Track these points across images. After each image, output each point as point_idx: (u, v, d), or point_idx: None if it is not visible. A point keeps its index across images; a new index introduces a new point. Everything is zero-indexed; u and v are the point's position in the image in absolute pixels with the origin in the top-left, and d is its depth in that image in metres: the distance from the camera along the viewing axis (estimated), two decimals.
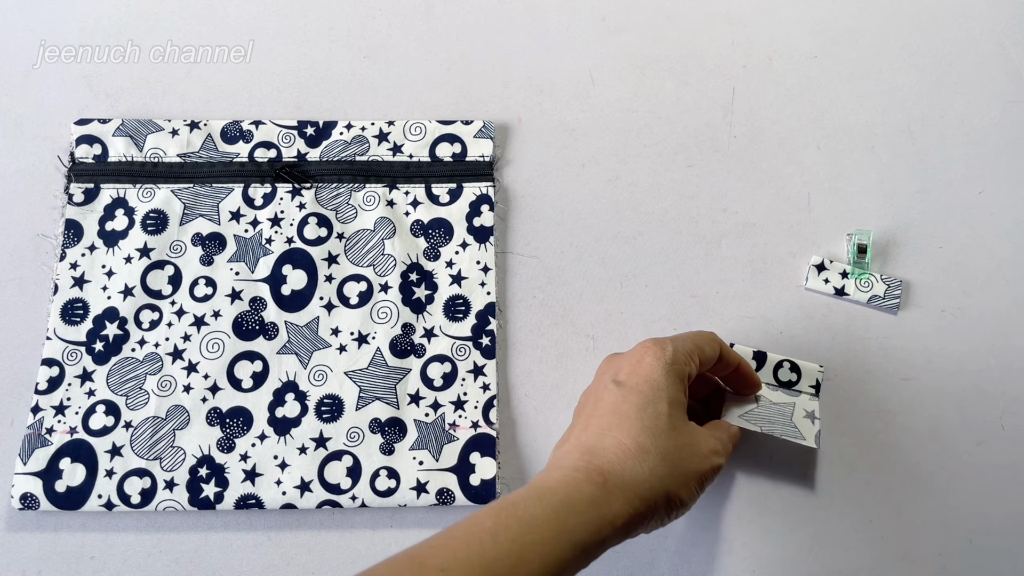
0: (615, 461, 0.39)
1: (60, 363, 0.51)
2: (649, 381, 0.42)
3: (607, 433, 0.40)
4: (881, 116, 0.61)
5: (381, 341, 0.53)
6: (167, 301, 0.53)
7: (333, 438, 0.50)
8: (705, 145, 0.59)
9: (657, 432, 0.40)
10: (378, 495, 0.49)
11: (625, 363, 0.43)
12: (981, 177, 0.59)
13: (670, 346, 0.43)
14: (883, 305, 0.55)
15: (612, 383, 0.43)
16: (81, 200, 0.55)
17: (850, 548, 0.50)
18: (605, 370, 0.45)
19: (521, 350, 0.54)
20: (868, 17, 0.64)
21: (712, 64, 0.62)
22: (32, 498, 0.48)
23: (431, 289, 0.54)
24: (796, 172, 0.59)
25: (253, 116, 0.59)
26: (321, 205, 0.56)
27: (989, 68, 0.63)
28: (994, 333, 0.55)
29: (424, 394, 0.52)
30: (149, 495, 0.49)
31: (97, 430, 0.50)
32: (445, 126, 0.58)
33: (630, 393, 0.42)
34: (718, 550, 0.50)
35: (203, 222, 0.55)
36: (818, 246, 0.57)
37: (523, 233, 0.57)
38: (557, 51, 0.62)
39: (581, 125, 0.60)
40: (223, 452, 0.50)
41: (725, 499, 0.51)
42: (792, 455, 0.52)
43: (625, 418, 0.41)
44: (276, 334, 0.53)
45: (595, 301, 0.55)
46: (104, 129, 0.57)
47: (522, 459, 0.52)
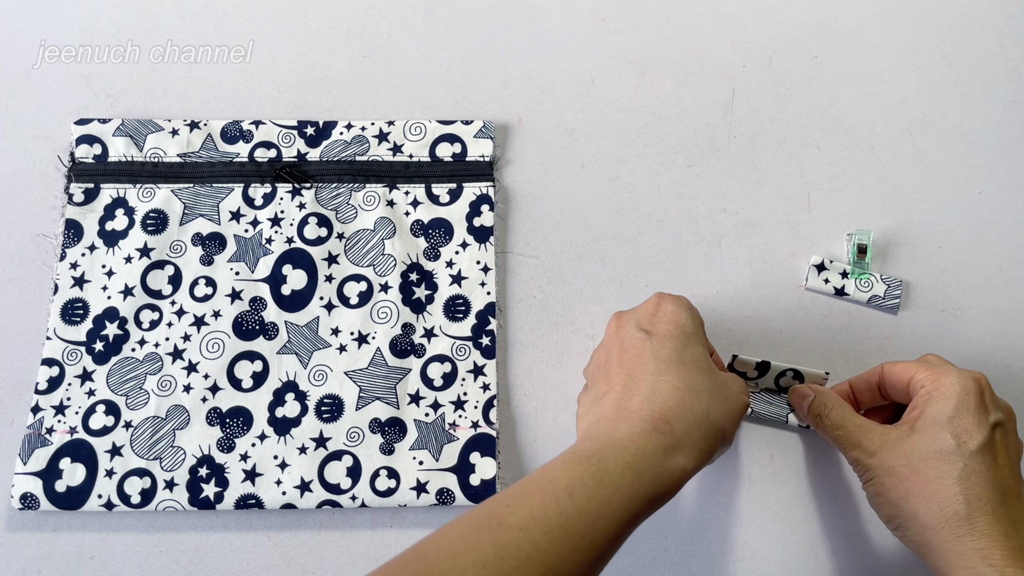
0: (676, 406, 0.39)
1: (60, 363, 0.51)
2: (678, 325, 0.42)
3: (659, 379, 0.40)
4: (881, 116, 0.61)
5: (381, 341, 0.53)
6: (167, 301, 0.53)
7: (333, 438, 0.50)
8: (705, 145, 0.59)
9: (702, 371, 0.41)
10: (378, 495, 0.49)
11: (643, 314, 0.43)
12: (981, 177, 0.59)
13: (680, 296, 0.44)
14: (883, 305, 0.55)
15: (639, 331, 0.42)
16: (81, 200, 0.55)
17: (850, 548, 0.50)
18: (622, 323, 0.44)
19: (521, 350, 0.54)
20: (868, 17, 0.64)
21: (712, 64, 0.62)
22: (32, 498, 0.48)
23: (431, 289, 0.54)
24: (796, 172, 0.59)
25: (253, 116, 0.59)
26: (321, 205, 0.56)
27: (989, 68, 0.63)
28: (994, 333, 0.55)
29: (424, 394, 0.52)
30: (149, 495, 0.49)
31: (97, 430, 0.50)
32: (445, 126, 0.58)
33: (666, 339, 0.42)
34: (718, 550, 0.50)
35: (203, 222, 0.55)
36: (818, 246, 0.57)
37: (523, 233, 0.57)
38: (557, 51, 0.62)
39: (581, 125, 0.60)
40: (223, 452, 0.50)
41: (725, 499, 0.51)
42: (792, 455, 0.52)
43: (670, 362, 0.41)
44: (276, 334, 0.53)
45: (595, 301, 0.55)
46: (104, 129, 0.57)
47: (522, 459, 0.52)
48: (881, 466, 0.43)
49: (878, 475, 0.43)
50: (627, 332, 0.43)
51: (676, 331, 0.42)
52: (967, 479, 0.41)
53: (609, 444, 0.37)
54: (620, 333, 0.44)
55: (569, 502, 0.35)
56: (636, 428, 0.38)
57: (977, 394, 0.43)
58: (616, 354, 0.43)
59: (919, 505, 0.41)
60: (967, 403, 0.42)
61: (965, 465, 0.41)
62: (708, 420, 0.39)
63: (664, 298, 0.44)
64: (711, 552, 0.50)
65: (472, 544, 0.33)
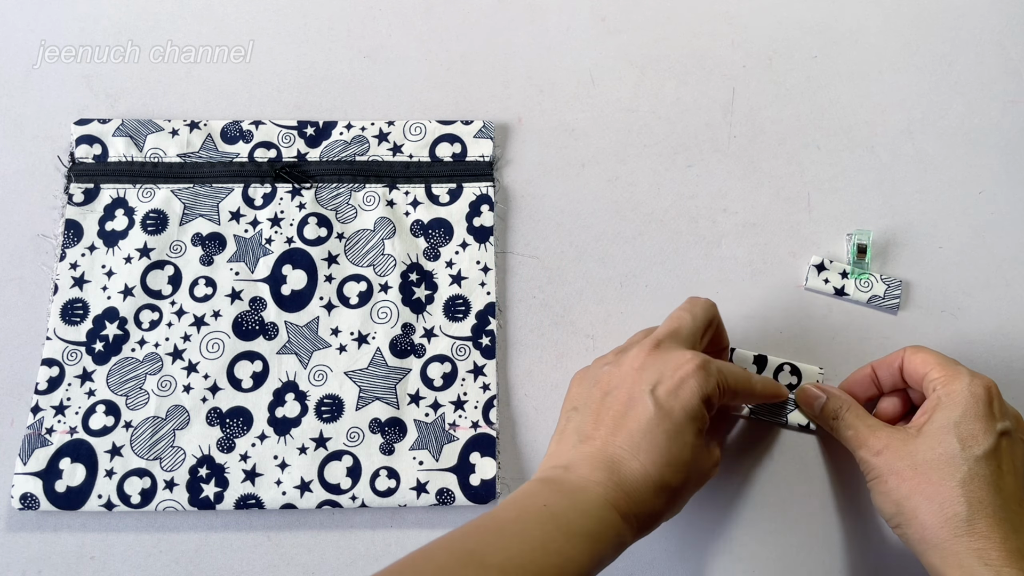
0: (640, 491, 0.40)
1: (60, 363, 0.51)
2: (686, 409, 0.41)
3: (635, 455, 0.40)
4: (881, 116, 0.61)
5: (381, 341, 0.53)
6: (167, 301, 0.53)
7: (333, 438, 0.50)
8: (705, 145, 0.59)
9: (679, 465, 0.41)
10: (378, 495, 0.49)
11: (668, 377, 0.42)
12: (981, 177, 0.59)
13: (714, 374, 0.42)
14: (883, 305, 0.55)
15: (650, 396, 0.41)
16: (81, 200, 0.55)
17: (850, 548, 0.50)
18: (643, 372, 0.43)
19: (521, 350, 0.54)
20: (868, 17, 0.64)
21: (712, 64, 0.62)
22: (32, 498, 0.48)
23: (431, 289, 0.54)
24: (796, 172, 0.59)
25: (253, 116, 0.59)
26: (321, 205, 0.56)
27: (989, 68, 0.63)
28: (994, 333, 0.55)
29: (424, 394, 0.52)
30: (149, 495, 0.49)
31: (97, 430, 0.50)
32: (445, 126, 0.58)
33: (665, 418, 0.41)
34: (718, 550, 0.50)
35: (203, 222, 0.55)
36: (818, 246, 0.57)
37: (523, 233, 0.57)
38: (557, 51, 0.62)
39: (581, 125, 0.60)
40: (223, 452, 0.50)
41: (725, 499, 0.51)
42: (792, 455, 0.52)
43: (655, 445, 0.40)
44: (276, 334, 0.53)
45: (595, 301, 0.55)
46: (104, 129, 0.57)
47: (522, 459, 0.52)
48: (886, 465, 0.44)
49: (883, 474, 0.44)
50: (640, 388, 0.42)
51: (680, 414, 0.41)
52: (970, 482, 0.41)
53: (572, 499, 0.39)
54: (635, 385, 0.42)
55: (543, 555, 0.36)
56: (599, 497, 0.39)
57: (987, 402, 0.43)
58: (620, 401, 0.42)
59: (920, 505, 0.42)
60: (976, 410, 0.43)
61: (969, 469, 0.41)
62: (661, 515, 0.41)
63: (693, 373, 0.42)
64: (711, 552, 0.50)
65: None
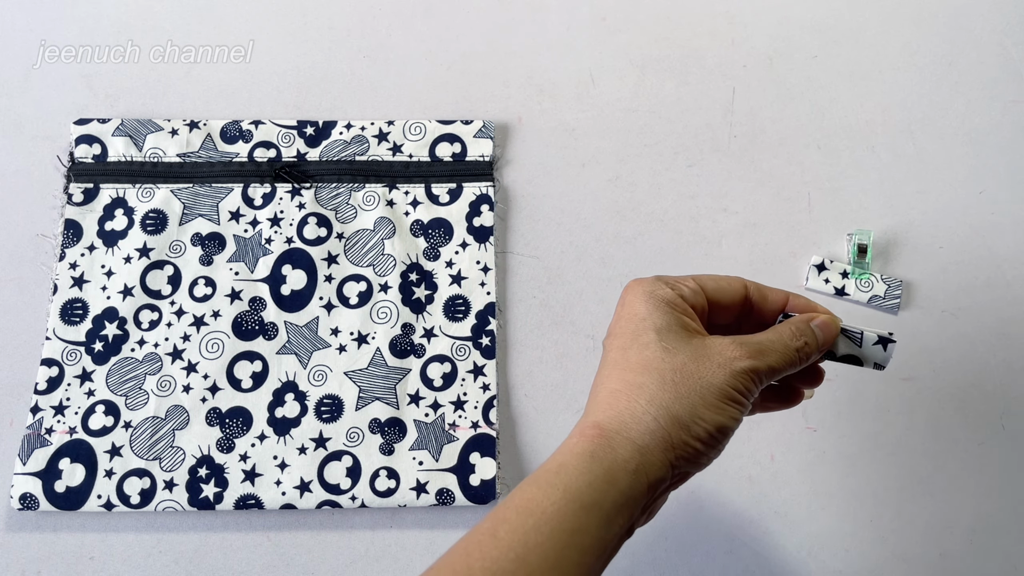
0: (608, 408, 0.36)
1: (60, 363, 0.51)
2: (631, 318, 0.38)
3: (599, 388, 0.37)
4: (881, 116, 0.61)
5: (381, 341, 0.53)
6: (167, 301, 0.53)
7: (333, 438, 0.50)
8: (705, 145, 0.59)
9: (648, 364, 0.36)
10: (378, 495, 0.49)
11: (613, 317, 0.40)
12: (981, 177, 0.59)
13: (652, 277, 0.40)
14: (883, 305, 0.55)
15: (604, 344, 0.39)
16: (81, 200, 0.55)
17: (850, 548, 0.50)
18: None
19: (521, 350, 0.54)
20: (868, 17, 0.64)
21: (712, 64, 0.62)
22: (32, 498, 0.48)
23: (431, 289, 0.54)
24: (796, 172, 0.59)
25: (253, 116, 0.59)
26: (321, 205, 0.56)
27: (989, 68, 0.63)
28: (994, 333, 0.55)
29: (424, 394, 0.52)
30: (149, 495, 0.49)
31: (97, 430, 0.50)
32: (445, 126, 0.58)
33: (614, 340, 0.38)
34: (718, 550, 0.50)
35: (203, 222, 0.55)
36: (818, 246, 0.57)
37: (523, 233, 0.57)
38: (557, 51, 0.62)
39: (581, 125, 0.60)
40: (223, 452, 0.50)
41: (725, 499, 0.51)
42: (792, 455, 0.52)
43: (613, 366, 0.37)
44: (276, 334, 0.53)
45: (595, 301, 0.55)
46: (104, 129, 0.57)
47: (522, 459, 0.52)
48: None
49: None
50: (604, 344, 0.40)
51: (627, 325, 0.38)
52: None
53: (532, 477, 0.34)
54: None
55: (493, 546, 0.32)
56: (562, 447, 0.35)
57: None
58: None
59: None
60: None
61: None
62: (649, 413, 0.35)
63: (628, 287, 0.39)
64: (711, 552, 0.50)
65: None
